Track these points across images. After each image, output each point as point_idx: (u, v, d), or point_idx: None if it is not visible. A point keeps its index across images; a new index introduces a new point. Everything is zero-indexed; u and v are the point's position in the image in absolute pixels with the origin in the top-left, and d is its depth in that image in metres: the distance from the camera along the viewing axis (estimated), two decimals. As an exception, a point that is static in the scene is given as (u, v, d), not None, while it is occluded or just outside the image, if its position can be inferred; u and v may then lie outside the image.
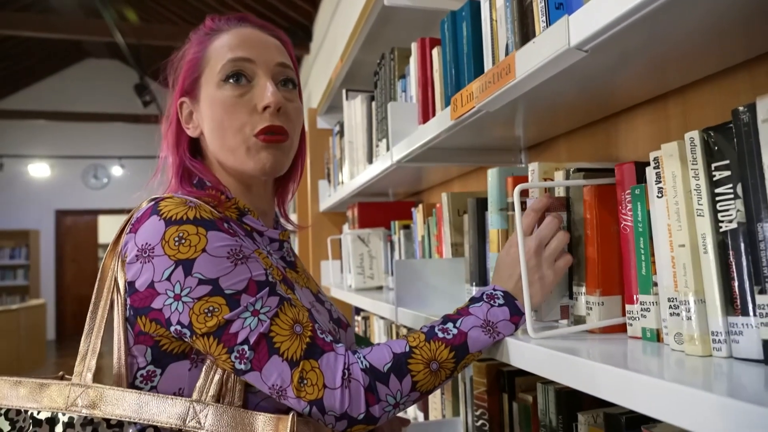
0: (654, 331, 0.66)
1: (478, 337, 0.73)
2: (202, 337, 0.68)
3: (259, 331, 0.68)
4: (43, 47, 8.14)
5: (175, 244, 0.69)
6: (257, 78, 0.83)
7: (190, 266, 0.68)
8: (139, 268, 0.71)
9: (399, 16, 1.47)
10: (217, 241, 0.70)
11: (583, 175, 0.77)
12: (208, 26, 0.89)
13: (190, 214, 0.71)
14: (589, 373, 0.58)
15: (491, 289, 0.78)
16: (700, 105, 0.82)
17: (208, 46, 0.85)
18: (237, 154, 0.82)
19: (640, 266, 0.68)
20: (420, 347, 0.72)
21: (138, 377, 0.74)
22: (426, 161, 1.29)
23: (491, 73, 0.79)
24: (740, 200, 0.53)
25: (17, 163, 9.23)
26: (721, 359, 0.55)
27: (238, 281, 0.69)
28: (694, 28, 0.60)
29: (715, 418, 0.43)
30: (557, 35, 0.61)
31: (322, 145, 2.57)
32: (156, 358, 0.73)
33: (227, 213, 0.83)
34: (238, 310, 0.68)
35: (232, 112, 0.81)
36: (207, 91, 0.83)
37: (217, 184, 0.84)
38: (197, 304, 0.68)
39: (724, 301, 0.55)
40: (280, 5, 4.94)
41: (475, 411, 1.11)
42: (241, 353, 0.67)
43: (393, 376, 0.70)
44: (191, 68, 0.85)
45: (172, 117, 0.87)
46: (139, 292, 0.71)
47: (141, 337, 0.73)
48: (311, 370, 0.68)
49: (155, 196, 0.77)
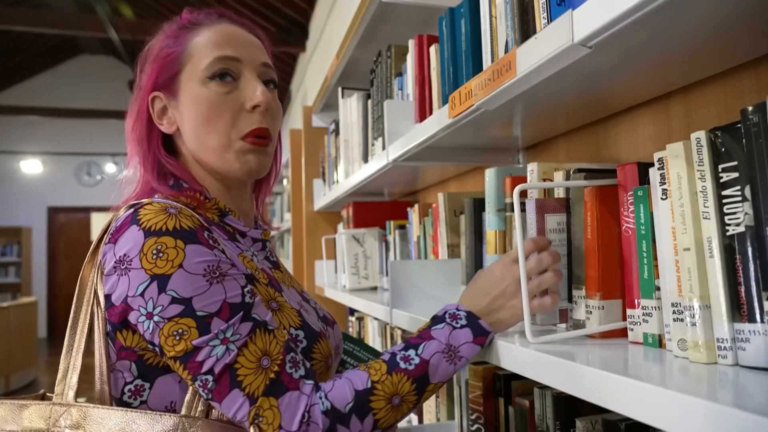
0: (656, 336, 0.64)
1: (439, 364, 0.71)
2: (171, 359, 0.67)
3: (225, 362, 0.65)
4: (37, 43, 8.08)
5: (152, 257, 0.67)
6: (243, 77, 0.81)
7: (165, 282, 0.66)
8: (115, 280, 0.69)
9: (396, 13, 1.44)
10: (194, 256, 0.68)
11: (584, 176, 0.75)
12: (185, 19, 0.85)
13: (170, 224, 0.69)
14: (588, 379, 0.56)
15: (454, 309, 0.76)
16: (703, 105, 0.80)
17: (189, 40, 0.82)
18: (221, 154, 0.80)
19: (642, 270, 0.66)
20: (382, 381, 0.70)
21: (126, 392, 0.71)
22: (422, 160, 1.27)
23: (491, 70, 0.77)
24: (748, 203, 0.51)
25: (9, 159, 9.16)
26: (727, 367, 0.54)
27: (211, 302, 0.67)
28: (699, 25, 0.58)
29: (720, 429, 0.41)
30: (561, 31, 0.59)
31: (317, 143, 2.55)
32: (142, 373, 0.71)
33: (208, 214, 0.80)
34: (207, 336, 0.66)
35: (218, 110, 0.79)
36: (189, 87, 0.80)
37: (193, 184, 0.81)
38: (167, 325, 0.66)
39: (730, 307, 0.53)
40: (277, 2, 4.91)
41: (470, 415, 1.09)
42: (204, 383, 0.66)
43: (354, 416, 0.67)
44: (169, 63, 0.81)
45: (142, 111, 0.83)
46: (115, 306, 0.69)
47: (123, 353, 0.71)
48: (269, 408, 0.65)
49: (135, 202, 0.73)
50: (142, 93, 0.83)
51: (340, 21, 3.46)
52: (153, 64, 0.82)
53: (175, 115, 0.82)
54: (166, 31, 0.84)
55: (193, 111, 0.80)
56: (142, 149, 0.83)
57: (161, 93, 0.82)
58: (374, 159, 1.45)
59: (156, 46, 0.84)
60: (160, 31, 0.85)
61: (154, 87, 0.82)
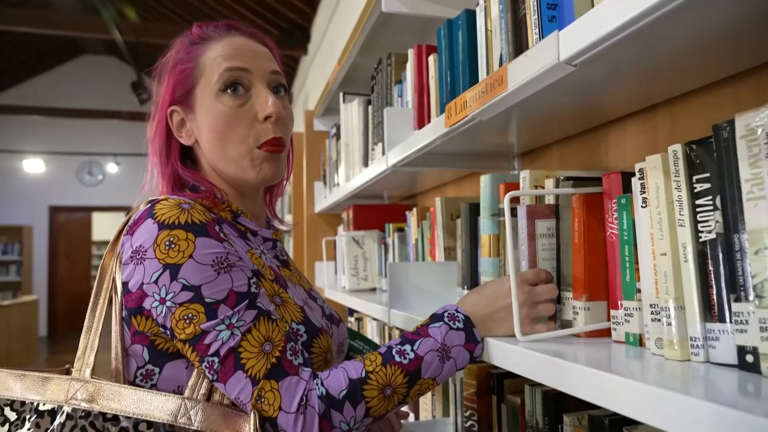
0: (637, 335, 0.69)
1: (432, 361, 0.75)
2: (180, 342, 0.72)
3: (230, 345, 0.70)
4: (39, 43, 8.13)
5: (165, 248, 0.72)
6: (254, 87, 0.86)
7: (177, 271, 0.71)
8: (132, 269, 0.74)
9: (396, 22, 1.49)
10: (204, 247, 0.73)
11: (572, 183, 0.79)
12: (195, 34, 0.89)
13: (182, 218, 0.74)
14: (573, 375, 0.60)
15: (454, 310, 0.79)
16: (687, 117, 0.84)
17: (200, 55, 0.86)
18: (239, 164, 0.85)
19: (624, 273, 0.70)
20: (376, 372, 0.74)
21: (138, 376, 0.77)
22: (421, 166, 1.31)
23: (484, 83, 0.81)
24: (719, 212, 0.56)
25: (11, 158, 9.20)
26: (699, 364, 0.58)
27: (218, 290, 0.72)
28: (680, 45, 0.62)
29: (692, 421, 0.45)
30: (548, 49, 0.64)
31: (319, 146, 2.59)
32: (153, 358, 0.76)
33: (222, 214, 0.85)
34: (214, 321, 0.71)
35: (233, 123, 0.83)
36: (204, 101, 0.85)
37: (211, 189, 0.86)
38: (178, 309, 0.71)
39: (702, 308, 0.57)
40: (279, 6, 4.96)
41: (464, 412, 1.13)
42: (210, 364, 0.71)
43: (348, 403, 0.71)
44: (184, 79, 0.86)
45: (160, 124, 0.88)
46: (131, 292, 0.75)
47: (137, 337, 0.76)
48: (270, 390, 0.70)
49: (152, 198, 0.79)
50: (160, 107, 0.88)
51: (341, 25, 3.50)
52: (168, 80, 0.87)
53: (193, 127, 0.87)
54: (177, 46, 0.89)
55: (209, 124, 0.84)
56: (161, 161, 0.88)
57: (178, 107, 0.87)
58: (374, 163, 1.49)
59: (170, 60, 0.88)
60: (172, 46, 0.90)
61: (171, 102, 0.87)
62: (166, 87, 0.87)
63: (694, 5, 0.50)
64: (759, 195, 0.50)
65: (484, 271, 1.03)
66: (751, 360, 0.52)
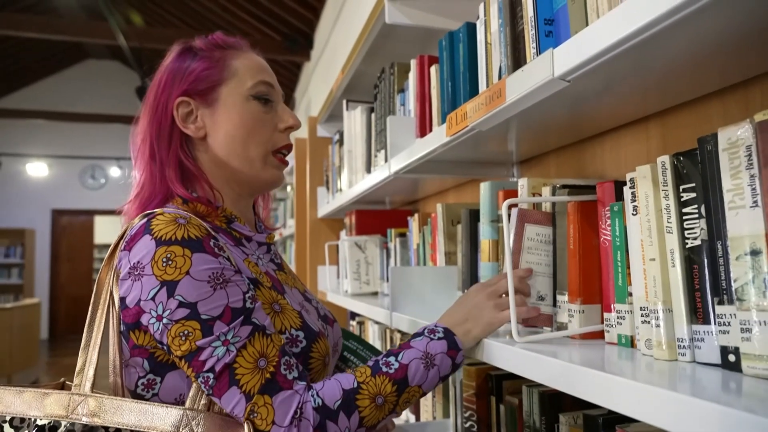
0: (628, 337, 0.72)
1: (418, 368, 0.79)
2: (177, 358, 0.74)
3: (225, 362, 0.72)
4: (44, 47, 8.19)
5: (162, 265, 0.73)
6: (275, 102, 0.94)
7: (174, 288, 0.72)
8: (129, 285, 0.75)
9: (399, 33, 1.53)
10: (200, 263, 0.74)
11: (568, 191, 0.82)
12: (220, 39, 0.93)
13: (178, 234, 0.75)
14: (568, 374, 0.63)
15: (433, 326, 0.85)
16: (678, 128, 0.88)
17: (229, 59, 0.90)
18: (254, 164, 0.90)
19: (617, 277, 0.73)
20: (366, 382, 0.77)
21: (139, 385, 0.78)
22: (423, 173, 1.34)
23: (484, 95, 0.85)
24: (704, 220, 0.59)
25: (15, 161, 9.25)
26: (685, 363, 0.61)
27: (214, 306, 0.73)
28: (670, 61, 0.66)
29: (679, 415, 0.48)
30: (543, 65, 0.67)
31: (322, 152, 2.62)
32: (154, 368, 0.78)
33: (217, 222, 0.88)
34: (210, 338, 0.72)
35: (261, 125, 0.90)
36: (231, 100, 0.89)
37: (206, 190, 0.88)
38: (174, 326, 0.72)
39: (688, 311, 0.61)
40: (283, 12, 5.01)
41: (464, 413, 1.16)
42: (206, 380, 0.72)
43: (342, 413, 0.74)
44: (208, 75, 0.88)
45: (166, 113, 0.88)
46: (129, 308, 0.76)
47: (136, 351, 0.78)
48: (263, 406, 0.71)
49: (148, 212, 0.80)
50: (164, 96, 0.88)
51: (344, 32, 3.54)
52: (182, 73, 0.89)
53: (207, 121, 0.89)
54: (197, 45, 0.91)
55: (236, 121, 0.88)
56: (159, 149, 0.88)
57: (192, 99, 0.88)
58: (377, 170, 1.53)
59: (182, 57, 0.90)
60: (181, 44, 0.92)
61: (184, 92, 0.88)
62: (176, 79, 0.88)
63: (683, 25, 0.54)
64: (740, 204, 0.54)
65: (483, 276, 1.07)
66: (733, 360, 0.55)
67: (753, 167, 0.53)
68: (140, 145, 0.90)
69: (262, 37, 5.47)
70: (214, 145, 0.89)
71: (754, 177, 0.52)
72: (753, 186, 0.53)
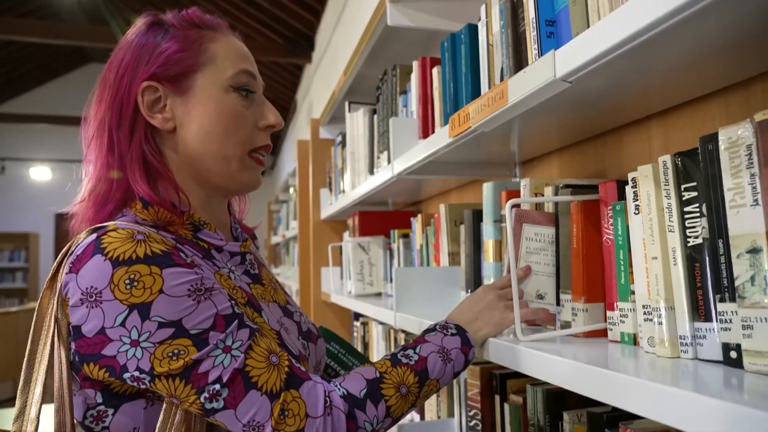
0: (631, 335, 0.72)
1: (436, 362, 0.78)
2: (165, 379, 0.64)
3: (234, 367, 0.65)
4: (46, 52, 8.23)
5: (126, 288, 0.63)
6: (256, 95, 0.83)
7: (147, 310, 0.63)
8: (85, 312, 0.64)
9: (402, 34, 1.54)
10: (174, 278, 0.65)
11: (570, 191, 0.83)
12: (196, 16, 0.81)
13: (139, 251, 0.65)
14: (571, 372, 0.64)
15: (444, 322, 0.85)
16: (680, 127, 0.88)
17: (207, 41, 0.79)
18: (229, 164, 0.79)
19: (619, 276, 0.74)
20: (389, 372, 0.74)
21: (88, 417, 0.69)
22: (425, 174, 1.35)
23: (486, 96, 0.86)
24: (705, 218, 0.60)
25: (19, 166, 9.29)
26: (688, 360, 0.62)
27: (203, 319, 0.65)
28: (671, 63, 0.67)
29: (682, 411, 0.49)
30: (545, 67, 0.68)
31: (325, 154, 2.63)
32: (107, 399, 0.69)
33: (181, 231, 0.77)
34: (207, 348, 0.64)
35: (239, 122, 0.79)
36: (208, 90, 0.78)
37: (169, 190, 0.78)
38: (159, 348, 0.63)
39: (690, 309, 0.62)
40: (284, 15, 5.03)
41: (468, 412, 1.17)
42: (213, 393, 0.64)
43: (369, 402, 0.71)
44: (181, 58, 0.77)
45: (128, 98, 0.76)
46: (86, 337, 0.65)
47: (88, 383, 0.68)
48: (293, 401, 0.66)
49: (96, 226, 0.69)
50: (127, 77, 0.76)
51: (345, 34, 3.55)
52: (151, 52, 0.77)
53: (177, 112, 0.78)
54: (168, 20, 0.80)
55: (213, 115, 0.78)
56: (119, 139, 0.76)
57: (161, 85, 0.77)
58: (380, 171, 1.53)
59: (152, 33, 0.79)
60: (148, 16, 0.81)
61: (152, 76, 0.76)
62: (143, 58, 0.77)
63: (683, 27, 0.54)
64: (740, 203, 0.54)
65: (487, 276, 1.08)
66: (735, 356, 0.56)
67: (753, 166, 0.53)
68: (94, 133, 0.78)
69: (264, 40, 5.49)
70: (184, 139, 0.78)
71: (755, 176, 0.53)
72: (753, 185, 0.53)
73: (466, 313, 0.87)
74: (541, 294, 0.87)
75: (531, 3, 0.83)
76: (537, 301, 0.87)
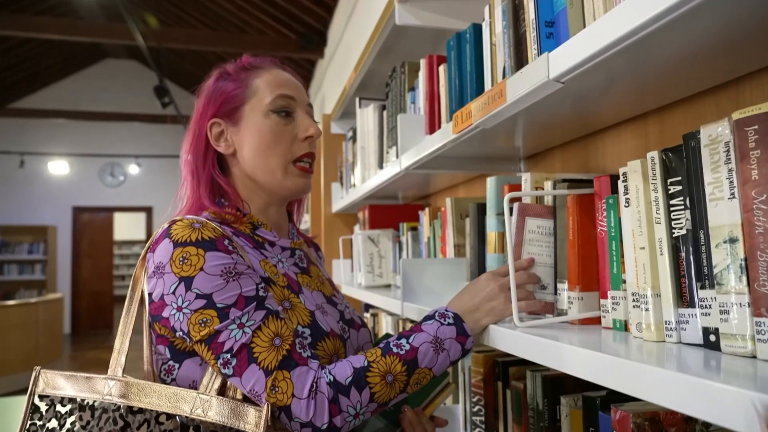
0: (623, 321, 0.76)
1: (427, 351, 0.84)
2: (197, 343, 0.82)
3: (242, 342, 0.80)
4: (64, 48, 8.36)
5: (179, 263, 0.83)
6: (296, 113, 1.00)
7: (190, 282, 0.82)
8: (155, 282, 0.85)
9: (410, 32, 1.58)
10: (213, 260, 0.83)
11: (567, 185, 0.87)
12: (246, 62, 1.02)
13: (193, 236, 0.85)
14: (566, 355, 0.68)
15: (443, 309, 0.90)
16: (674, 124, 0.92)
17: (251, 79, 0.99)
18: (275, 174, 0.97)
19: (612, 266, 0.78)
20: (377, 361, 0.83)
21: (162, 370, 0.88)
22: (432, 168, 1.39)
23: (487, 95, 0.90)
24: (688, 210, 0.64)
25: (38, 160, 9.47)
26: (672, 344, 0.66)
27: (228, 296, 0.82)
28: (661, 62, 0.70)
29: (665, 390, 0.53)
30: (539, 68, 0.72)
31: (336, 149, 2.68)
32: (173, 355, 0.87)
33: (242, 228, 0.96)
34: (227, 322, 0.80)
35: (278, 137, 0.97)
36: (252, 118, 0.97)
37: (235, 201, 0.97)
38: (194, 315, 0.81)
39: (675, 295, 0.65)
40: (297, 11, 5.07)
41: (472, 398, 1.21)
42: (225, 360, 0.80)
43: (353, 388, 0.80)
44: (233, 97, 0.98)
45: (200, 134, 0.99)
46: (154, 302, 0.85)
47: (159, 339, 0.88)
48: (283, 380, 0.78)
49: (172, 219, 0.90)
50: (201, 119, 0.99)
51: (356, 31, 3.59)
52: (215, 96, 0.99)
53: (234, 139, 0.99)
54: (227, 69, 1.01)
55: (256, 137, 0.97)
56: (197, 167, 0.99)
57: (221, 120, 0.98)
58: (389, 166, 1.58)
59: (217, 81, 1.00)
60: (218, 69, 1.03)
61: (214, 115, 0.98)
62: (210, 102, 0.99)
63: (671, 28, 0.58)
64: (719, 196, 0.58)
65: (490, 267, 1.12)
66: (713, 339, 0.60)
67: (731, 162, 0.57)
68: (185, 164, 1.02)
69: (278, 36, 5.55)
70: (241, 159, 0.98)
71: (732, 171, 0.57)
72: (731, 179, 0.57)
73: (467, 303, 0.91)
74: (543, 285, 0.91)
75: (531, 4, 0.87)
76: (540, 292, 0.91)
